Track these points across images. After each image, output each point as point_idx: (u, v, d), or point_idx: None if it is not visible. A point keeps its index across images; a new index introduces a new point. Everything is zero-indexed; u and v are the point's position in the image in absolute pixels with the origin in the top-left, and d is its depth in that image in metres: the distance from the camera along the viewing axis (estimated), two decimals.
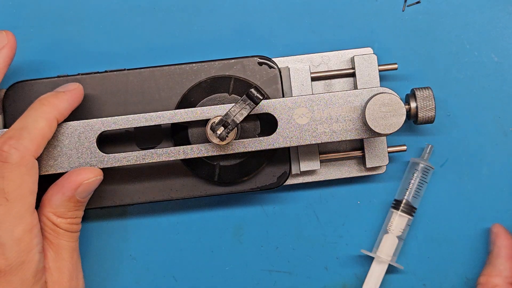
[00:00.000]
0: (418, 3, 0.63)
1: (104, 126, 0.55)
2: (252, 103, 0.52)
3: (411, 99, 0.59)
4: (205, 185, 0.59)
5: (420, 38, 0.63)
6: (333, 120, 0.55)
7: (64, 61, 0.62)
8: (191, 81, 0.58)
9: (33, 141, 0.51)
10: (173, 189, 0.58)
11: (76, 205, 0.53)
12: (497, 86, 0.63)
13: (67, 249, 0.53)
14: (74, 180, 0.53)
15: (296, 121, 0.55)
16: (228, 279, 0.62)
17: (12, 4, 0.63)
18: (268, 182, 0.59)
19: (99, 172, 0.54)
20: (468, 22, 0.63)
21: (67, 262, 0.53)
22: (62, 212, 0.53)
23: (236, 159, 0.58)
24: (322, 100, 0.55)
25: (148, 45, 0.63)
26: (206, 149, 0.55)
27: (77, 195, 0.53)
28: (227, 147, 0.55)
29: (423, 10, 0.63)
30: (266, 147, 0.55)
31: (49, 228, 0.53)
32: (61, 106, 0.53)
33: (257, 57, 0.58)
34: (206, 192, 0.59)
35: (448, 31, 0.63)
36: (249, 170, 0.58)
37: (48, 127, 0.52)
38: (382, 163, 0.60)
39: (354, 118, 0.55)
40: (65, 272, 0.53)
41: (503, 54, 0.63)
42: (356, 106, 0.55)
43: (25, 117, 0.52)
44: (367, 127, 0.55)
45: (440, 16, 0.63)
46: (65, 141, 0.54)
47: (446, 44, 0.63)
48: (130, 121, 0.54)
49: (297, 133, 0.55)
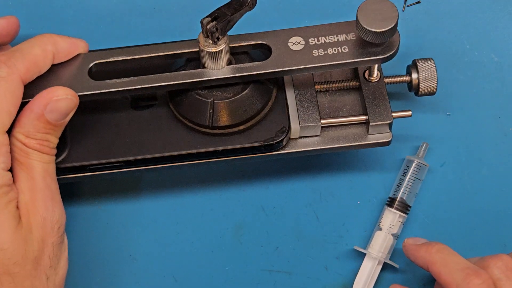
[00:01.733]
0: (418, 3, 0.63)
1: (97, 58, 0.54)
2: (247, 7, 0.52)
3: (413, 70, 0.58)
4: (199, 138, 0.57)
5: (420, 38, 0.63)
6: (328, 45, 0.55)
7: None
8: None
9: (24, 63, 0.51)
10: (166, 143, 0.57)
11: (46, 126, 0.52)
12: (497, 86, 0.63)
13: (39, 169, 0.52)
14: (44, 96, 0.51)
15: (290, 48, 0.55)
16: (228, 279, 0.62)
17: (12, 4, 0.63)
18: (267, 137, 0.57)
19: (70, 91, 0.52)
20: (468, 22, 0.63)
21: (39, 182, 0.51)
22: (31, 132, 0.51)
23: (231, 93, 0.56)
24: (316, 28, 0.55)
25: None
26: (200, 73, 0.54)
27: (46, 115, 0.51)
28: (221, 72, 0.54)
29: (423, 10, 0.63)
30: (260, 71, 0.54)
31: (18, 148, 0.51)
32: (61, 44, 0.53)
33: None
34: (200, 147, 0.56)
35: (448, 31, 0.63)
36: (245, 114, 0.57)
37: (43, 56, 0.52)
38: (386, 121, 0.57)
39: (349, 41, 0.55)
40: (37, 192, 0.51)
41: (503, 54, 0.63)
42: (351, 33, 0.55)
43: (23, 43, 0.52)
44: (363, 49, 0.54)
45: (440, 16, 0.63)
46: (57, 71, 0.54)
47: (446, 44, 0.63)
48: (125, 54, 0.55)
49: (292, 58, 0.54)
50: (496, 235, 0.63)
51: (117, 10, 0.63)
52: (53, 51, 0.53)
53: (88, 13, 0.62)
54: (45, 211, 0.51)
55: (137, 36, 0.63)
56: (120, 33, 0.63)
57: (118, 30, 0.63)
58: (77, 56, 0.55)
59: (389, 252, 0.61)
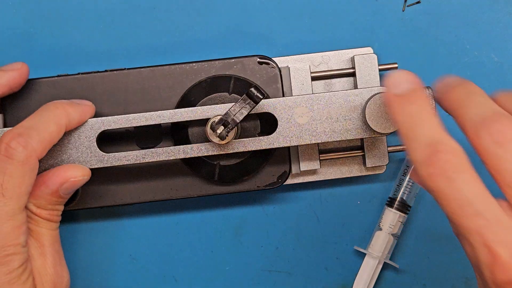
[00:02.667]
0: (418, 3, 0.63)
1: (104, 125, 0.55)
2: (252, 102, 0.52)
3: None
4: (206, 185, 0.59)
5: (420, 38, 0.63)
6: (333, 119, 0.55)
7: (64, 61, 0.62)
8: (191, 81, 0.58)
9: (41, 143, 0.51)
10: (173, 188, 0.58)
11: (58, 200, 0.53)
12: (497, 86, 0.63)
13: (48, 236, 0.53)
14: (62, 175, 0.53)
15: (296, 120, 0.55)
16: (228, 279, 0.62)
17: (12, 4, 0.63)
18: (268, 182, 0.59)
19: (87, 171, 0.54)
20: (468, 22, 0.63)
21: (49, 248, 0.53)
22: (42, 204, 0.53)
23: (236, 158, 0.58)
24: (322, 99, 0.55)
25: (148, 45, 0.63)
26: (206, 149, 0.55)
27: (61, 191, 0.53)
28: (227, 147, 0.55)
29: (423, 10, 0.63)
30: (266, 147, 0.55)
31: (29, 217, 0.52)
32: (73, 116, 0.53)
33: (257, 56, 0.58)
34: (206, 192, 0.59)
35: (448, 31, 0.63)
36: (250, 170, 0.58)
37: (57, 132, 0.52)
38: (382, 163, 0.60)
39: (354, 117, 0.55)
40: (48, 257, 0.53)
41: (503, 54, 0.63)
42: (356, 105, 0.55)
43: (37, 116, 0.52)
44: (367, 126, 0.55)
45: (440, 16, 0.63)
46: (65, 140, 0.54)
47: (446, 44, 0.63)
48: (130, 120, 0.54)
49: (297, 132, 0.55)
50: None
51: (117, 10, 0.63)
52: (67, 124, 0.53)
53: (88, 13, 0.62)
54: (56, 277, 0.53)
55: (137, 36, 0.63)
56: (120, 33, 0.62)
57: (118, 30, 0.63)
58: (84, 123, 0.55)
59: (389, 252, 0.61)
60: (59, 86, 0.58)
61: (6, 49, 0.62)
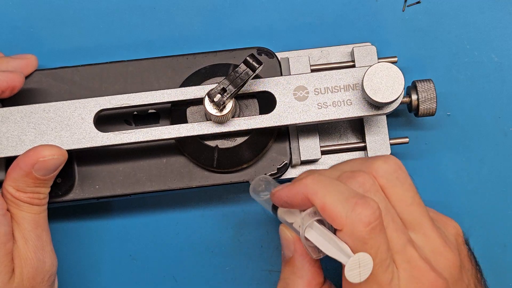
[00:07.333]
0: (418, 3, 0.63)
1: (101, 105, 0.54)
2: (249, 71, 0.52)
3: (412, 91, 0.59)
4: (204, 174, 0.58)
5: (420, 38, 0.63)
6: (332, 97, 0.55)
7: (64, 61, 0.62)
8: (190, 71, 0.58)
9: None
10: (171, 179, 0.58)
11: (36, 182, 0.52)
12: (497, 86, 0.63)
13: (29, 220, 0.53)
14: (32, 156, 0.52)
15: (294, 99, 0.55)
16: (228, 279, 0.62)
17: (12, 4, 0.63)
18: (268, 173, 0.58)
19: (59, 151, 0.53)
20: (468, 22, 0.63)
21: (30, 232, 0.52)
22: (21, 187, 0.52)
23: (235, 141, 0.57)
24: (321, 77, 0.55)
25: (148, 45, 0.63)
26: (205, 126, 0.54)
27: (34, 172, 0.52)
28: (225, 125, 0.54)
29: (423, 10, 0.63)
30: (264, 125, 0.54)
31: (10, 200, 0.52)
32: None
33: (256, 48, 0.58)
34: (205, 181, 0.58)
35: (448, 31, 0.63)
36: (249, 156, 0.58)
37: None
38: (384, 154, 0.59)
39: (354, 95, 0.55)
40: (29, 242, 0.52)
41: (503, 54, 0.63)
42: (356, 83, 0.55)
43: None
44: (367, 103, 0.54)
45: (440, 16, 0.63)
46: (63, 121, 0.54)
47: (446, 44, 0.63)
48: (127, 99, 0.54)
49: (296, 110, 0.54)
50: (496, 235, 0.63)
51: (117, 10, 0.63)
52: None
53: (88, 13, 0.62)
54: (37, 262, 0.52)
55: (137, 36, 0.63)
56: (120, 33, 0.63)
57: (118, 30, 0.63)
58: (82, 100, 0.55)
59: None
60: (59, 77, 0.58)
61: (6, 49, 0.62)
